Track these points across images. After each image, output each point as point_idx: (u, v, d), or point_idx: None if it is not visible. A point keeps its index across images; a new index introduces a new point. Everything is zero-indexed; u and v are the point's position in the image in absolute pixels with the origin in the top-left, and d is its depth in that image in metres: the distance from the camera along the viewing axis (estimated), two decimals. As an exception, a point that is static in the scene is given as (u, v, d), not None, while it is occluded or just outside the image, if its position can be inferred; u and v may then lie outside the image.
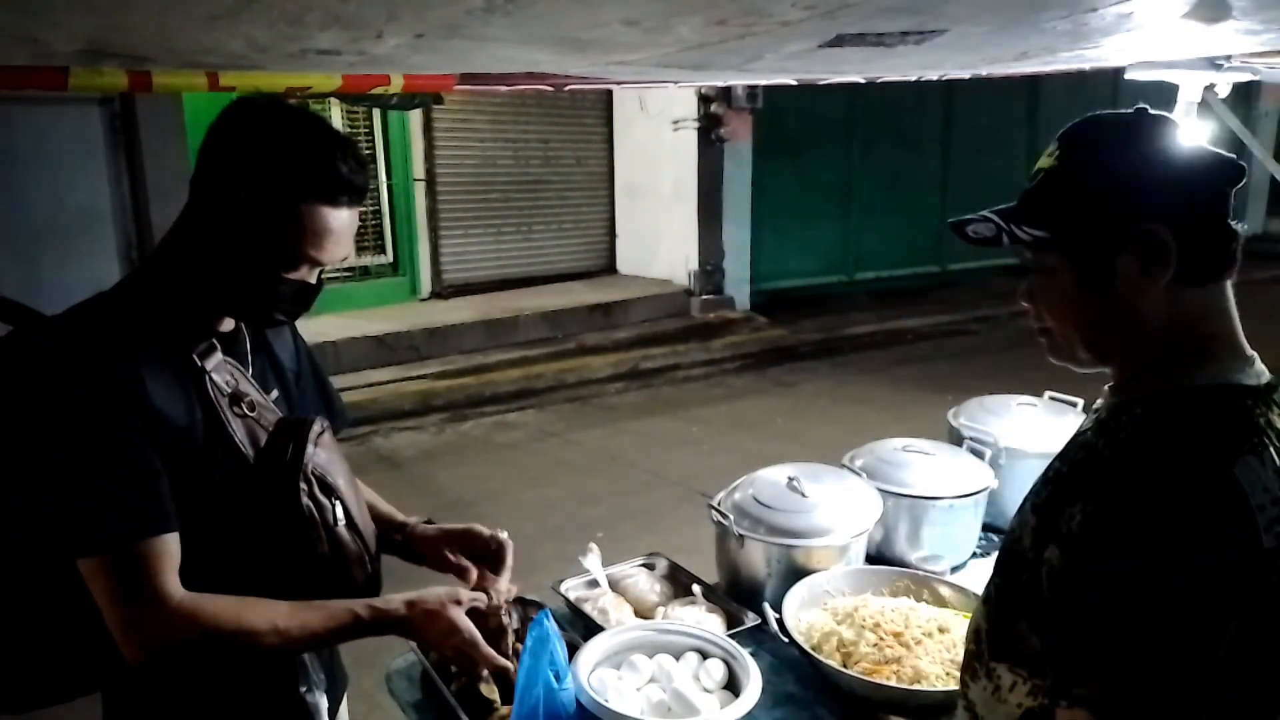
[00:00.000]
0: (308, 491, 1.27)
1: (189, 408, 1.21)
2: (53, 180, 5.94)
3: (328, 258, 1.24)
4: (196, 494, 1.20)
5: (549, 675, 1.37)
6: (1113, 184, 1.01)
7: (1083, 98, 11.30)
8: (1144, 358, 1.04)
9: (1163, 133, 1.02)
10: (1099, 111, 1.09)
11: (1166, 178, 1.00)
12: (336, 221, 1.23)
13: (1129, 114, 1.06)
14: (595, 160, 9.93)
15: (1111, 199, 1.00)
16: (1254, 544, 0.87)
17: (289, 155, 1.20)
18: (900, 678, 1.58)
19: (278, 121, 1.23)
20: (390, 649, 1.84)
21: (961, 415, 2.44)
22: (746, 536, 1.90)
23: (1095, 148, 1.05)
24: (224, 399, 1.25)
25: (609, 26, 1.48)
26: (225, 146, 1.22)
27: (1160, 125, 1.03)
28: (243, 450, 1.25)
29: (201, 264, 1.23)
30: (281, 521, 1.26)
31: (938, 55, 2.03)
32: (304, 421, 1.32)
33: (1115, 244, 0.99)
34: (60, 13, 1.36)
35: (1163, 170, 1.00)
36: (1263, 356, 1.11)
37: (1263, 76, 2.45)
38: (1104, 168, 1.03)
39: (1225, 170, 1.02)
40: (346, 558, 1.32)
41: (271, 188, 1.19)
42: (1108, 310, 1.02)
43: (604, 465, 5.61)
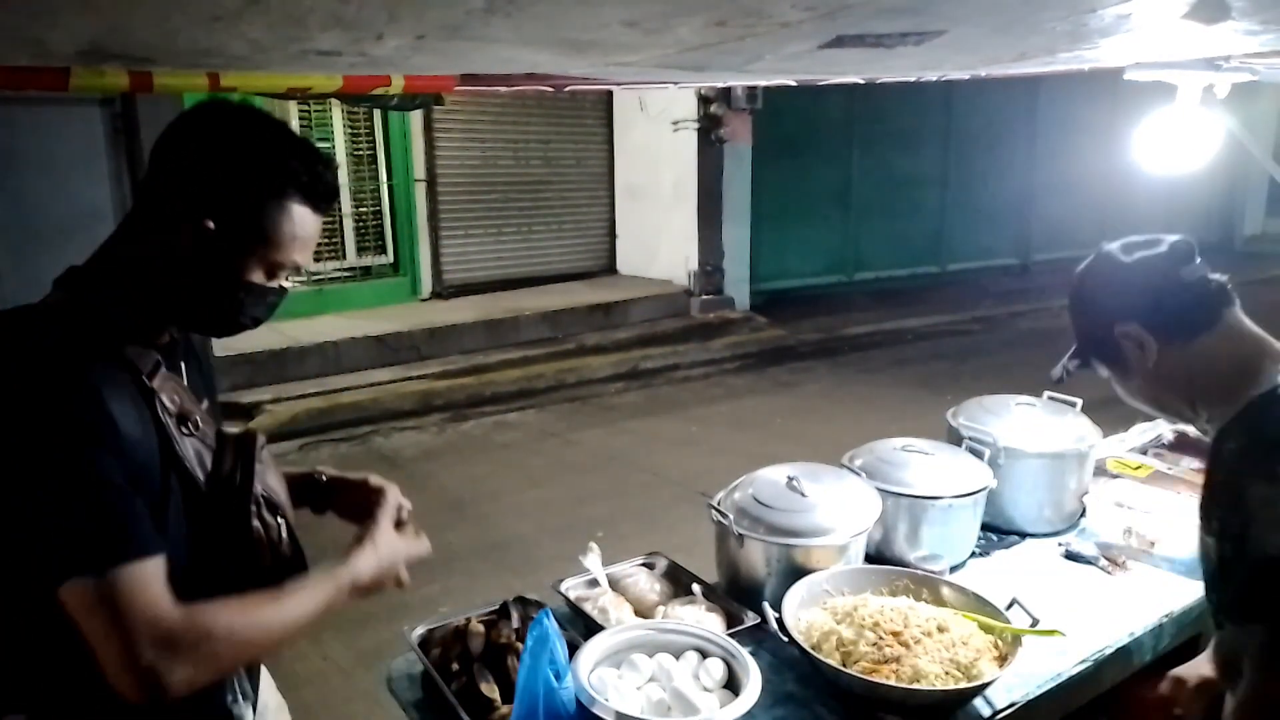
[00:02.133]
0: (257, 513, 1.25)
1: (145, 431, 1.14)
2: (53, 180, 5.94)
3: (301, 261, 1.22)
4: (156, 519, 1.14)
5: (549, 674, 1.38)
6: (1092, 314, 1.49)
7: (1082, 98, 11.35)
8: (1209, 403, 1.39)
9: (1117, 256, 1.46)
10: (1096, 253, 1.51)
11: (1123, 290, 1.43)
12: (315, 226, 1.22)
13: (1094, 257, 1.51)
14: (595, 161, 9.94)
15: (1096, 323, 1.47)
16: None
17: (273, 152, 1.17)
18: (899, 677, 1.58)
19: (256, 125, 1.19)
20: (390, 648, 1.84)
21: (961, 415, 2.45)
22: (746, 536, 1.91)
23: (1075, 294, 1.54)
24: (172, 420, 1.19)
25: (609, 27, 1.49)
26: (199, 153, 1.17)
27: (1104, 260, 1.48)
28: (193, 473, 1.21)
29: (155, 275, 1.18)
30: (232, 543, 1.24)
31: (937, 56, 2.03)
32: (248, 438, 1.28)
33: (1115, 346, 1.44)
34: (62, 14, 1.36)
35: (1122, 284, 1.43)
36: None
37: (1262, 77, 2.45)
38: (1081, 306, 1.52)
39: (1174, 257, 1.40)
40: (289, 569, 1.29)
41: (259, 184, 1.16)
42: (1146, 384, 1.46)
43: (604, 465, 5.61)
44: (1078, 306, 1.53)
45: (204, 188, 1.15)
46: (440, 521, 4.82)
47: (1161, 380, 1.42)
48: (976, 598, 1.78)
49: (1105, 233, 1.38)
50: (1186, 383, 1.40)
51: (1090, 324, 1.48)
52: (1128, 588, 2.05)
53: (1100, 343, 1.46)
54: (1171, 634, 1.94)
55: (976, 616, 1.74)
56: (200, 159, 1.17)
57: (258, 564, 1.25)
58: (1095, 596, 2.03)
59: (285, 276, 1.24)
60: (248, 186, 1.16)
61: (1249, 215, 14.37)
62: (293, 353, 7.01)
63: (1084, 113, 11.63)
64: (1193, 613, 1.95)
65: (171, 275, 1.18)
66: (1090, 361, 1.51)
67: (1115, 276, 1.44)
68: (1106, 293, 1.45)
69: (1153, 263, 1.40)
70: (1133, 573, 2.11)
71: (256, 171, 1.16)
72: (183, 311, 1.22)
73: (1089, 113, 11.57)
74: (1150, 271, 1.40)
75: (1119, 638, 1.85)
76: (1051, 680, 1.73)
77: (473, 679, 1.63)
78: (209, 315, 1.23)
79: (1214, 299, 1.39)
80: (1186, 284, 1.38)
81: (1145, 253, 1.41)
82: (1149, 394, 1.47)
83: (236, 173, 1.15)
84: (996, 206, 11.61)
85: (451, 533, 4.62)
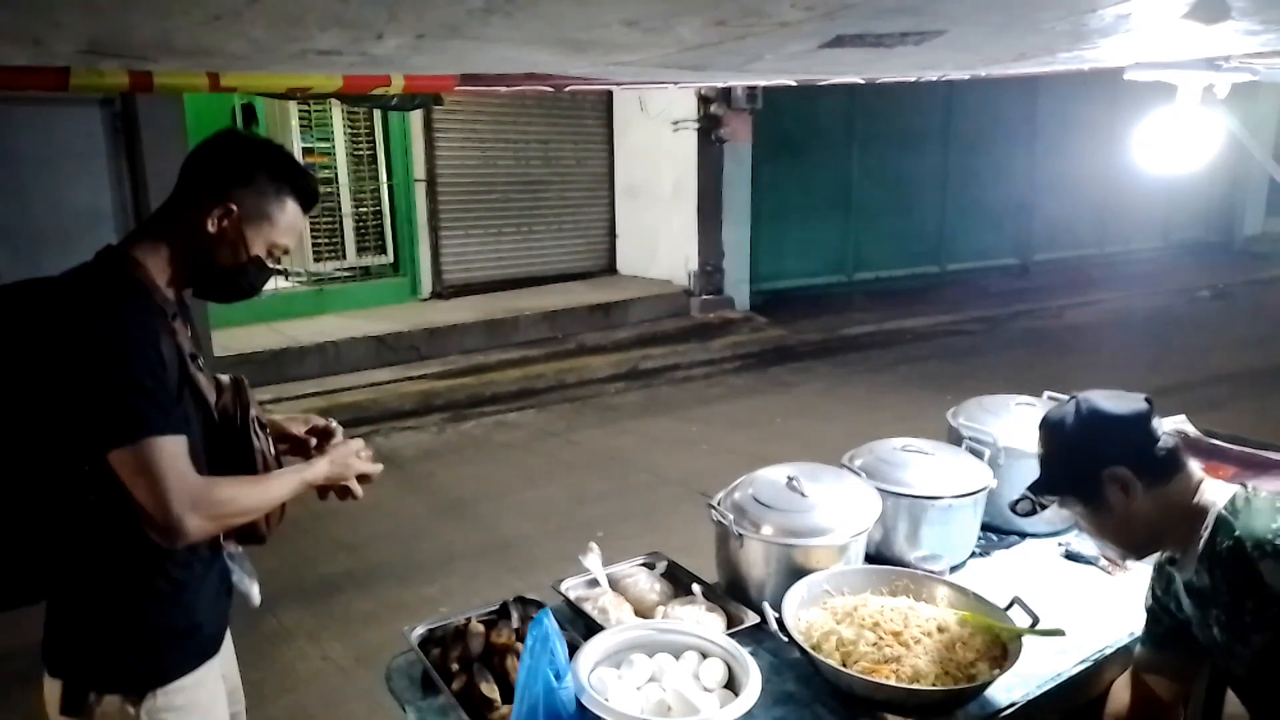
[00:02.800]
0: (255, 432, 1.64)
1: (170, 356, 1.48)
2: (54, 180, 5.94)
3: (291, 246, 1.65)
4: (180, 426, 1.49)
5: (549, 674, 1.38)
6: (1079, 456, 1.57)
7: (1082, 98, 11.35)
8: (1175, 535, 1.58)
9: (1102, 403, 1.58)
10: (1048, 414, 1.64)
11: (1107, 434, 1.56)
12: (301, 220, 1.65)
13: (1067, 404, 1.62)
14: (595, 161, 9.94)
15: (1082, 465, 1.57)
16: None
17: (281, 163, 1.62)
18: (899, 677, 1.58)
19: (266, 146, 1.65)
20: (391, 647, 1.84)
21: (960, 415, 2.45)
22: (746, 536, 1.91)
23: (1056, 434, 1.61)
24: (187, 355, 1.54)
25: (609, 27, 1.49)
26: (225, 162, 1.58)
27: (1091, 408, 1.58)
28: (207, 396, 1.58)
29: (185, 247, 1.55)
30: (237, 455, 1.62)
31: (937, 56, 2.03)
32: (240, 380, 1.67)
33: (1098, 487, 1.55)
34: (61, 13, 1.36)
35: (1115, 433, 1.55)
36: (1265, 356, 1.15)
37: (1262, 77, 2.44)
38: (1067, 448, 1.60)
39: (1152, 411, 1.57)
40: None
41: (269, 182, 1.59)
42: (1121, 523, 1.58)
43: (604, 465, 5.61)
44: (1060, 447, 1.61)
45: (232, 182, 1.55)
46: (440, 521, 4.82)
47: (1136, 520, 1.55)
48: (976, 598, 1.78)
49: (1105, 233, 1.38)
50: (1159, 520, 1.55)
51: (1074, 465, 1.58)
52: (1128, 588, 2.04)
53: (1081, 483, 1.57)
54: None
55: (976, 616, 1.74)
56: (229, 164, 1.58)
57: (255, 472, 1.63)
58: (1095, 596, 2.03)
59: (278, 257, 1.64)
60: (261, 182, 1.58)
61: (1249, 215, 14.37)
62: (292, 353, 7.01)
63: (1084, 113, 11.64)
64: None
65: (198, 246, 1.56)
66: (1065, 499, 1.62)
67: (1109, 424, 1.55)
68: (1102, 438, 1.55)
69: (1141, 414, 1.56)
70: (1133, 573, 2.11)
71: (268, 172, 1.60)
72: (202, 276, 1.60)
73: (1089, 113, 11.58)
74: (1141, 421, 1.56)
75: (1119, 637, 1.85)
76: (1051, 680, 1.73)
77: (472, 679, 1.63)
78: (221, 280, 1.62)
79: (1180, 448, 1.58)
80: (1163, 435, 1.56)
81: (1133, 405, 1.57)
82: (1122, 532, 1.60)
83: (255, 173, 1.58)
84: (996, 206, 11.61)
85: (451, 533, 4.62)
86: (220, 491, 1.48)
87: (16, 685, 1.65)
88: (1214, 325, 9.54)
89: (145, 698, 1.53)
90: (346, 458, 1.72)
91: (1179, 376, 7.05)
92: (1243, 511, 1.51)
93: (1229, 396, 6.60)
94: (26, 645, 1.64)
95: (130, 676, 1.54)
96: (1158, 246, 13.42)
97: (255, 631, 1.68)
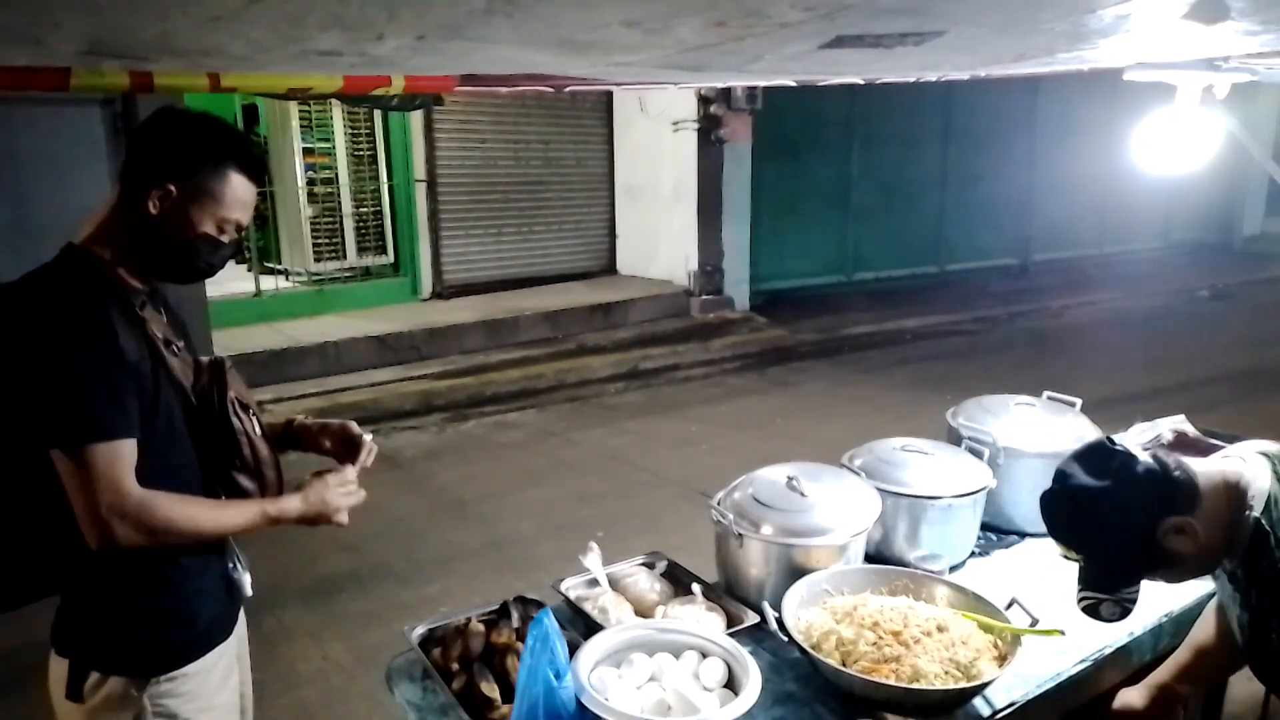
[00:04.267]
0: (234, 411, 1.62)
1: (139, 347, 1.49)
2: (54, 180, 5.94)
3: (243, 220, 1.61)
4: (149, 416, 1.50)
5: (549, 674, 1.38)
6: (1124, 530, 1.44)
7: (1082, 99, 11.35)
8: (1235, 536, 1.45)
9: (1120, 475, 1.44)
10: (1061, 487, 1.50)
11: (1158, 490, 1.42)
12: (249, 192, 1.60)
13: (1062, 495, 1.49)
14: (595, 161, 9.94)
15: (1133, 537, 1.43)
16: None
17: (224, 141, 1.57)
18: (899, 676, 1.58)
19: (205, 121, 1.59)
20: (391, 647, 1.84)
21: (960, 415, 2.45)
22: (746, 536, 1.91)
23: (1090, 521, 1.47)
24: (159, 341, 1.56)
25: (609, 28, 1.49)
26: (163, 140, 1.56)
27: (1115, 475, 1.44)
28: (182, 382, 1.58)
29: (135, 234, 1.54)
30: (219, 438, 1.61)
31: (937, 56, 2.04)
32: (219, 362, 1.66)
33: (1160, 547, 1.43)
34: (62, 13, 1.36)
35: (1152, 488, 1.42)
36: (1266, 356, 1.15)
37: (1262, 77, 2.44)
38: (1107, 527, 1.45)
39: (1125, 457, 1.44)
40: (261, 460, 1.66)
41: (205, 158, 1.55)
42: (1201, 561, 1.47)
43: (604, 465, 5.61)
44: (1098, 531, 1.46)
45: (166, 164, 1.53)
46: (440, 521, 4.82)
47: (1211, 548, 1.43)
48: (976, 597, 1.78)
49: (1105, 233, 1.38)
50: (1224, 536, 1.43)
51: (1124, 541, 1.44)
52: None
53: (1142, 553, 1.43)
54: (1171, 634, 1.94)
55: (976, 616, 1.74)
56: (161, 145, 1.56)
57: (241, 455, 1.62)
58: (1095, 596, 2.03)
59: (231, 231, 1.61)
60: (196, 159, 1.55)
61: (1248, 216, 14.37)
62: (292, 353, 7.01)
63: (1083, 113, 11.64)
64: (1192, 612, 1.95)
65: (145, 231, 1.54)
66: (1135, 581, 1.48)
67: (1142, 481, 1.42)
68: (1139, 501, 1.42)
69: (1157, 454, 1.44)
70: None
71: (202, 148, 1.56)
72: (155, 260, 1.58)
73: (1088, 113, 11.58)
74: (1164, 461, 1.43)
75: (1119, 637, 1.85)
76: (1051, 680, 1.73)
77: (473, 679, 1.64)
78: (173, 261, 1.59)
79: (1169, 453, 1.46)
80: (1170, 460, 1.44)
81: (1146, 448, 1.46)
82: (1205, 567, 1.50)
83: (188, 151, 1.55)
84: (996, 207, 11.61)
85: (452, 533, 4.62)
86: (157, 511, 1.47)
87: (15, 685, 1.65)
88: (1214, 325, 9.54)
89: (150, 683, 1.56)
90: (323, 494, 1.68)
91: (1179, 376, 7.05)
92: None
93: (1229, 396, 6.60)
94: (27, 644, 1.64)
95: (135, 660, 1.56)
96: (1157, 247, 13.41)
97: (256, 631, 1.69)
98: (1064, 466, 1.50)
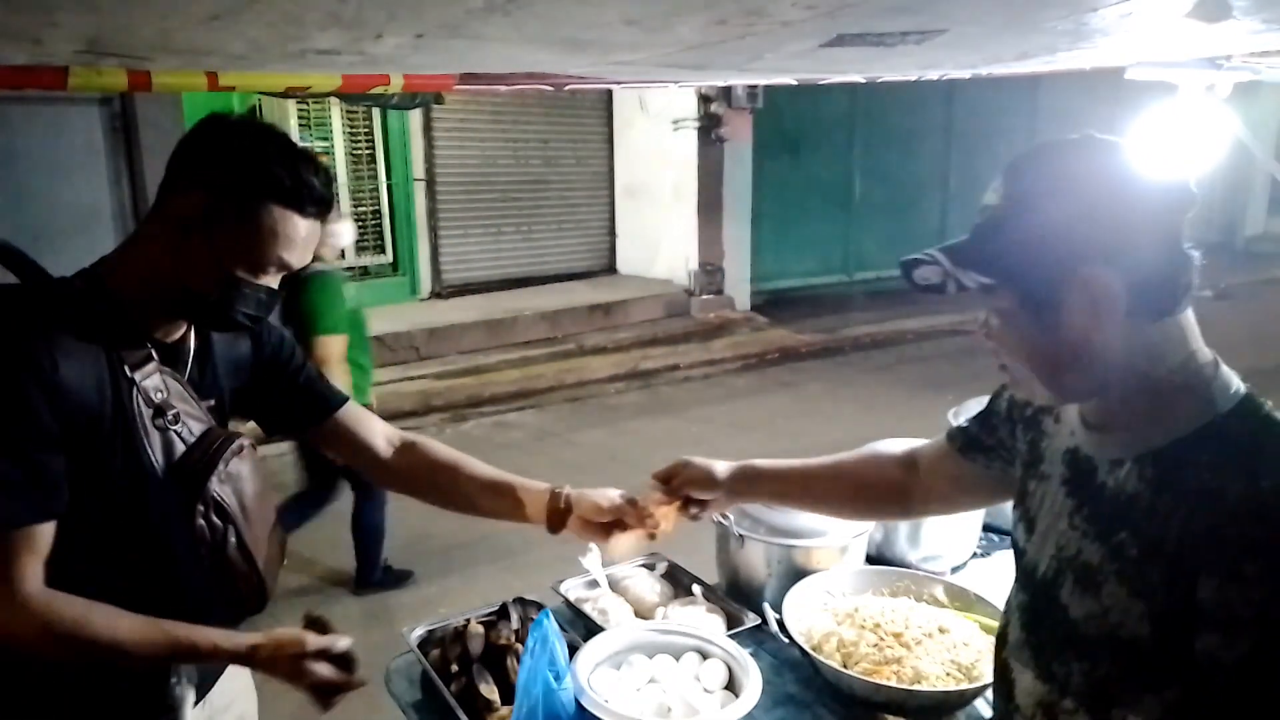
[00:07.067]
0: (203, 513, 1.31)
1: (102, 403, 1.21)
2: (53, 180, 5.94)
3: (290, 261, 1.29)
4: (93, 488, 1.23)
5: (549, 676, 1.37)
6: (1054, 227, 0.95)
7: (1084, 97, 11.34)
8: (1138, 401, 0.99)
9: (1108, 164, 0.96)
10: (1047, 141, 1.02)
11: (1110, 218, 0.94)
12: (302, 229, 1.28)
13: (1073, 142, 0.99)
14: (595, 160, 9.93)
15: (1054, 243, 0.95)
16: None
17: (263, 163, 1.25)
18: (900, 678, 1.57)
19: (251, 135, 1.28)
20: (390, 649, 1.84)
21: (961, 415, 2.43)
22: (746, 536, 1.90)
23: (1037, 186, 0.98)
24: (148, 410, 1.26)
25: (609, 26, 1.48)
26: (198, 156, 1.27)
27: (1106, 155, 0.97)
28: (151, 462, 1.27)
29: (161, 268, 1.26)
30: (175, 536, 1.31)
31: (938, 55, 2.03)
32: (223, 439, 1.35)
33: (1060, 289, 0.95)
34: (60, 13, 1.36)
35: (1106, 209, 0.94)
36: (1269, 356, 1.12)
37: (1264, 76, 2.44)
38: (1045, 209, 0.96)
39: (1175, 200, 0.96)
40: (233, 574, 1.36)
41: (245, 191, 1.24)
42: (1062, 352, 0.98)
43: (604, 466, 5.60)
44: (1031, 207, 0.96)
45: (196, 189, 1.24)
46: (440, 522, 4.80)
47: (1087, 356, 0.97)
48: (978, 598, 1.77)
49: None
50: (1116, 370, 0.98)
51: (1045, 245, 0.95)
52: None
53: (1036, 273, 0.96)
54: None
55: (978, 617, 1.73)
56: (196, 165, 1.27)
57: (199, 564, 1.32)
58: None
59: (272, 275, 1.30)
60: (230, 188, 1.24)
61: (1250, 215, 14.35)
62: (292, 352, 7.00)
63: (1085, 112, 11.62)
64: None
65: (164, 264, 1.26)
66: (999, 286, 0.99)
67: (1115, 201, 0.95)
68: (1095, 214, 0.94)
69: (1160, 199, 0.95)
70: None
71: (239, 175, 1.24)
72: (178, 301, 1.29)
73: (1090, 112, 11.55)
74: (1168, 211, 0.95)
75: (1120, 639, 1.84)
76: (1053, 681, 1.72)
77: (472, 680, 1.63)
78: (199, 306, 1.29)
79: (1190, 277, 0.98)
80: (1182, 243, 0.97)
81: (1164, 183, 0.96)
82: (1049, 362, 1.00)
83: (223, 176, 1.24)
84: (997, 206, 11.60)
85: (451, 533, 4.61)
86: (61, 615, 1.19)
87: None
88: (1216, 325, 9.47)
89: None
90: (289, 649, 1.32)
91: (1179, 376, 7.04)
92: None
93: (1230, 396, 6.58)
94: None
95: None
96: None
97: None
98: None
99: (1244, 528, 0.87)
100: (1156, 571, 0.93)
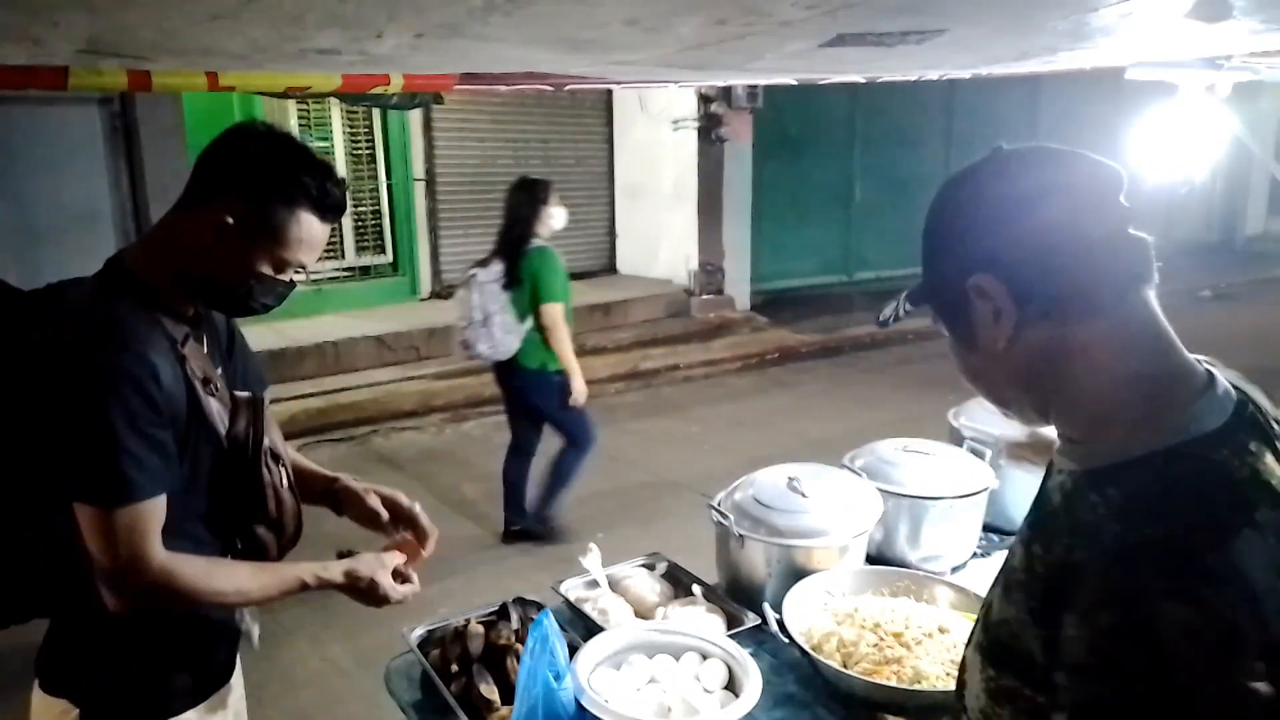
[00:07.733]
0: (265, 462, 1.51)
1: (177, 391, 1.37)
2: (53, 180, 5.94)
3: (307, 262, 1.45)
4: (177, 464, 1.39)
5: (549, 676, 1.37)
6: (946, 242, 0.96)
7: (1084, 97, 11.34)
8: (1074, 422, 0.92)
9: (1004, 173, 0.95)
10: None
11: (990, 221, 0.91)
12: (321, 233, 1.44)
13: (982, 159, 0.99)
14: (595, 160, 9.93)
15: (945, 257, 0.95)
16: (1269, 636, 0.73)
17: (295, 174, 1.39)
18: (900, 678, 1.57)
19: (280, 145, 1.42)
20: (390, 649, 1.84)
21: (962, 415, 2.44)
22: (746, 536, 1.90)
23: (934, 206, 0.98)
24: (198, 381, 1.42)
25: (609, 26, 1.48)
26: (232, 165, 1.40)
27: (1004, 165, 0.96)
28: (215, 426, 1.44)
29: (189, 261, 1.40)
30: (246, 488, 1.50)
31: (938, 55, 2.03)
32: (256, 401, 1.53)
33: (962, 303, 0.92)
34: (60, 12, 1.36)
35: (987, 215, 0.92)
36: (1266, 356, 1.10)
37: (1264, 76, 2.44)
38: (940, 227, 0.97)
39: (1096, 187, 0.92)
40: (285, 512, 1.56)
41: (281, 201, 1.38)
42: (990, 367, 0.96)
43: (604, 465, 5.59)
44: (933, 228, 0.98)
45: (228, 191, 1.38)
46: (439, 522, 4.79)
47: (1014, 367, 0.93)
48: (978, 599, 1.77)
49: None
50: (1049, 381, 0.91)
51: (941, 258, 0.97)
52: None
53: (945, 288, 0.95)
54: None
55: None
56: (229, 169, 1.40)
57: (265, 508, 1.51)
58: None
59: (292, 272, 1.46)
60: (264, 193, 1.38)
61: (1250, 215, 14.36)
62: (291, 352, 7.00)
63: (1085, 112, 11.63)
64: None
65: (197, 260, 1.40)
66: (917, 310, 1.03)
67: (1002, 206, 0.91)
68: (981, 223, 0.91)
69: (1050, 189, 0.91)
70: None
71: (273, 182, 1.38)
72: (203, 291, 1.45)
73: (1090, 112, 11.57)
74: (1040, 203, 0.90)
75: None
76: (1053, 681, 1.72)
77: (472, 680, 1.63)
78: (224, 297, 1.46)
79: (1121, 267, 0.91)
80: (1092, 234, 0.90)
81: (1045, 170, 0.94)
82: (991, 381, 0.99)
83: (256, 181, 1.38)
84: (997, 206, 11.61)
85: (450, 533, 4.61)
86: (180, 578, 1.36)
87: (14, 687, 1.63)
88: (1216, 325, 9.52)
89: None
90: (375, 575, 1.56)
91: (1179, 376, 7.03)
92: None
93: (1230, 396, 6.58)
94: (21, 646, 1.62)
95: (130, 705, 1.49)
96: (1158, 246, 13.27)
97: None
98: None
99: (1110, 574, 0.78)
100: (1042, 592, 0.86)
